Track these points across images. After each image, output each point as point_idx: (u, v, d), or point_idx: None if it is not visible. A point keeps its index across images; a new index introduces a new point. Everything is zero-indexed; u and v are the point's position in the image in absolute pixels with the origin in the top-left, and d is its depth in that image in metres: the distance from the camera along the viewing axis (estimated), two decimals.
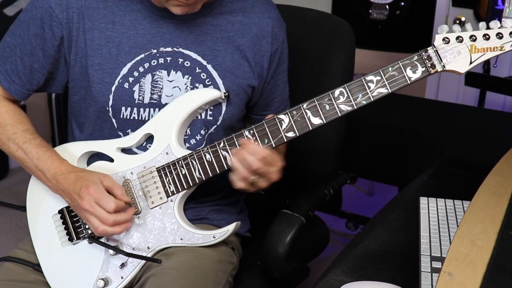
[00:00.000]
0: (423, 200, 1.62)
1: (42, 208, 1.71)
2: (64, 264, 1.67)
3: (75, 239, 1.66)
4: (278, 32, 1.73)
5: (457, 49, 1.45)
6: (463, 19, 3.44)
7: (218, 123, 1.67)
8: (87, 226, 1.64)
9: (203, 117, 1.66)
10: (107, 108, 1.64)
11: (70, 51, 1.63)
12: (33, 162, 1.63)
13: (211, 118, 1.66)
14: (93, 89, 1.62)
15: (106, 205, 1.52)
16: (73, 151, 1.69)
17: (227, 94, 1.63)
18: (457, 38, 1.45)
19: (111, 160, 1.66)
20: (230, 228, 1.61)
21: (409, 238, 1.48)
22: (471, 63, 1.45)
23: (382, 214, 1.69)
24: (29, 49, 1.64)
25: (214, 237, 1.61)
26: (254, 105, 1.79)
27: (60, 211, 1.68)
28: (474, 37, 1.45)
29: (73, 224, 1.66)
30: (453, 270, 1.13)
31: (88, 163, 1.70)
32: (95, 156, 1.69)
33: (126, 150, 1.67)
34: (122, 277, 1.62)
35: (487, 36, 1.44)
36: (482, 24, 1.45)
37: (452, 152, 2.62)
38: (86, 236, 1.64)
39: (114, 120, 1.66)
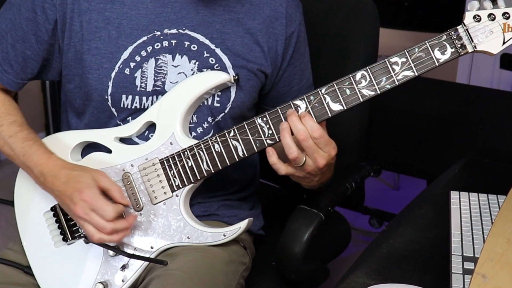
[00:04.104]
0: (454, 195, 1.61)
1: (32, 204, 1.71)
2: (58, 266, 1.67)
3: (70, 238, 1.66)
4: (294, 13, 1.71)
5: (489, 28, 1.44)
6: None
7: (226, 111, 1.66)
8: None
9: (209, 103, 1.65)
10: (106, 97, 1.63)
11: (64, 36, 1.61)
12: (19, 158, 1.63)
13: (218, 104, 1.65)
14: (90, 76, 1.61)
15: (104, 214, 1.50)
16: (66, 141, 1.68)
17: (236, 77, 1.62)
18: (489, 15, 1.44)
19: (109, 151, 1.65)
20: (242, 225, 1.61)
21: (438, 237, 1.48)
22: (504, 43, 1.44)
23: (409, 210, 1.69)
24: (20, 34, 1.63)
25: (224, 235, 1.61)
26: (269, 95, 1.77)
27: (53, 208, 1.67)
28: (508, 15, 1.43)
29: (68, 222, 1.66)
30: (487, 271, 1.12)
31: (83, 155, 1.69)
32: (91, 147, 1.69)
33: (125, 140, 1.66)
34: (123, 280, 1.62)
35: None
36: None
37: (486, 142, 2.61)
38: (82, 235, 1.64)
39: (113, 110, 1.65)
